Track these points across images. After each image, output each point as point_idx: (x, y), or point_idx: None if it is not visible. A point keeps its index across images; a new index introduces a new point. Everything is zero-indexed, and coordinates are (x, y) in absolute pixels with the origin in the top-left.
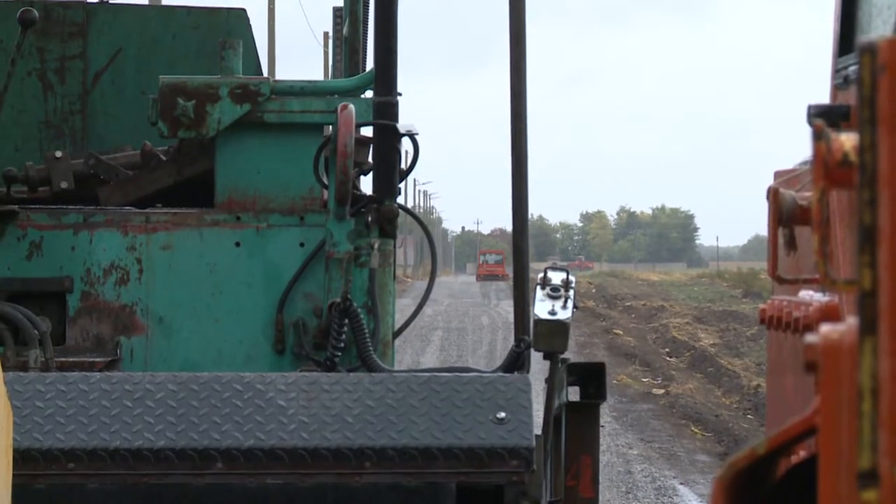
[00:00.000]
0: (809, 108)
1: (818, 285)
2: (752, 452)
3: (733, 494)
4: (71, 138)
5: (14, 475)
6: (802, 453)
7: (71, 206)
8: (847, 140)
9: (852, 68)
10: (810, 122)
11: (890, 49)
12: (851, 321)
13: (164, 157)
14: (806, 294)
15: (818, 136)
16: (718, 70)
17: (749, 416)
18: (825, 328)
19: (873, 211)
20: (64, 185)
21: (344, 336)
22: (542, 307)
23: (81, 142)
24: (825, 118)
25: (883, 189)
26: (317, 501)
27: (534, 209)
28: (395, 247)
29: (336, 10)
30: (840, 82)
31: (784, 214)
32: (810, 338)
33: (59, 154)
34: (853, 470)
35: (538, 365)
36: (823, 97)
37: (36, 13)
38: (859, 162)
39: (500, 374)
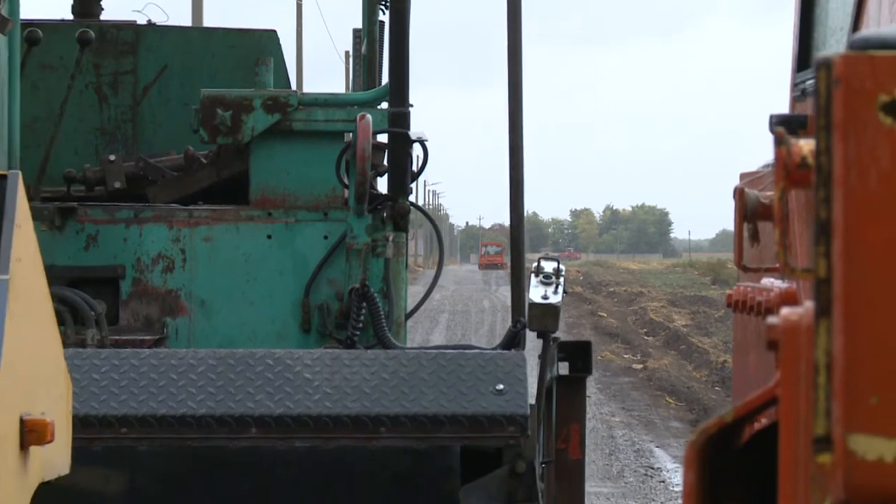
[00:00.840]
0: (771, 117)
1: (778, 273)
2: (721, 420)
3: (704, 457)
4: (123, 144)
5: (73, 439)
6: (764, 421)
7: (123, 204)
8: (805, 145)
9: (809, 82)
10: (772, 130)
11: (844, 64)
12: (808, 305)
13: (204, 161)
14: (767, 281)
15: (779, 142)
16: (690, 84)
17: (717, 389)
18: (785, 311)
19: (828, 208)
20: (117, 184)
21: (362, 317)
22: (535, 292)
23: (132, 147)
24: (785, 126)
25: (837, 188)
26: (338, 463)
27: (528, 206)
28: (407, 239)
29: (356, 32)
30: (798, 95)
31: (748, 211)
32: (772, 319)
33: (112, 157)
34: (809, 436)
35: (532, 343)
36: (783, 108)
37: (92, 34)
38: (816, 164)
39: (499, 350)
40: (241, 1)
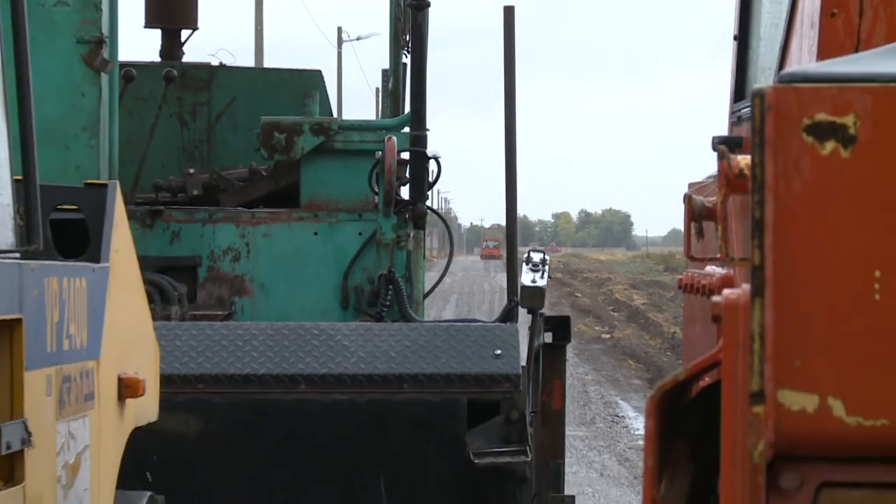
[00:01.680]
0: (714, 138)
1: (720, 262)
2: (675, 378)
3: (661, 408)
4: (200, 160)
5: (160, 393)
6: (709, 379)
7: (200, 207)
8: (742, 159)
9: (745, 110)
10: (715, 148)
11: (774, 94)
12: (745, 287)
13: (264, 174)
14: (710, 268)
15: (722, 157)
16: (650, 111)
17: (668, 354)
18: (726, 292)
19: (761, 209)
20: (195, 192)
21: (389, 297)
22: (526, 277)
23: (207, 162)
24: (726, 145)
25: (768, 193)
26: (370, 412)
27: (519, 210)
28: (424, 235)
29: (384, 71)
30: (735, 121)
31: (695, 213)
32: (716, 298)
33: (191, 171)
34: (746, 391)
35: (523, 318)
36: (722, 131)
37: (175, 72)
38: (751, 174)
39: (497, 323)
40: (293, 46)
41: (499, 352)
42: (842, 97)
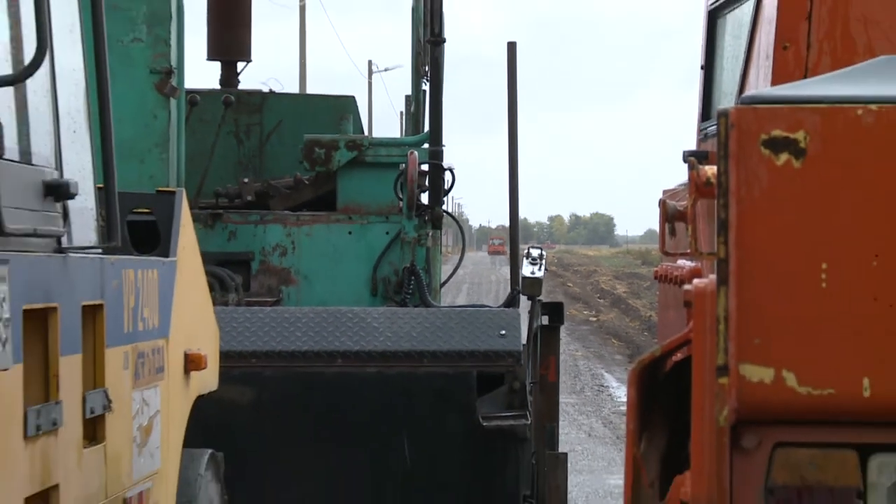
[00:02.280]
0: (684, 152)
1: (689, 257)
2: (652, 355)
3: (641, 379)
4: (253, 171)
5: (219, 366)
6: (680, 355)
7: (253, 210)
8: (709, 169)
9: (710, 128)
10: (685, 160)
11: (737, 114)
12: (711, 277)
13: (307, 182)
14: (682, 262)
15: (692, 168)
16: (632, 131)
17: (645, 334)
18: (696, 281)
19: (726, 211)
20: (249, 198)
21: (411, 286)
22: (526, 269)
23: (259, 173)
24: (695, 157)
25: (731, 198)
26: (395, 383)
27: (520, 212)
28: (441, 234)
29: (407, 97)
30: (702, 137)
31: (669, 215)
32: (687, 287)
33: (246, 180)
34: (713, 365)
35: (524, 304)
36: (691, 146)
37: (232, 98)
38: (717, 182)
39: (502, 308)
40: (331, 76)
41: (503, 332)
42: (794, 116)
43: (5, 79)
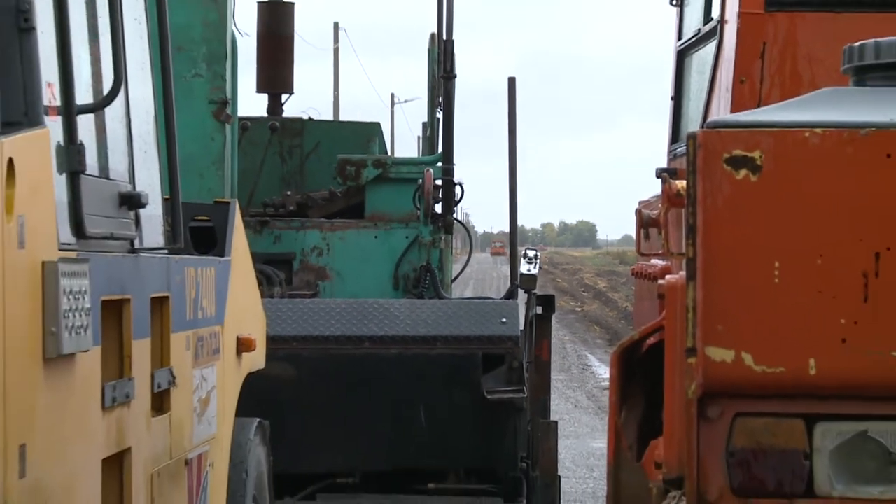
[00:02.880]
0: (657, 169)
1: (661, 256)
2: (631, 338)
3: (621, 360)
4: (294, 185)
5: (266, 348)
6: (654, 339)
7: (294, 218)
8: (679, 183)
9: (679, 149)
10: (658, 176)
11: (703, 136)
12: (681, 273)
13: (340, 195)
14: (655, 261)
15: (664, 181)
16: (613, 153)
17: (622, 322)
18: (668, 277)
19: (693, 218)
20: (291, 208)
21: (427, 282)
22: (524, 267)
23: (300, 187)
24: (667, 173)
25: (698, 207)
26: (413, 363)
27: (518, 220)
28: (452, 239)
29: (424, 123)
30: (672, 157)
31: (644, 221)
32: (661, 282)
33: (289, 193)
34: (683, 347)
35: (521, 296)
36: (662, 164)
37: (277, 124)
38: (686, 194)
39: (503, 300)
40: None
41: (504, 320)
42: (751, 138)
43: (88, 107)
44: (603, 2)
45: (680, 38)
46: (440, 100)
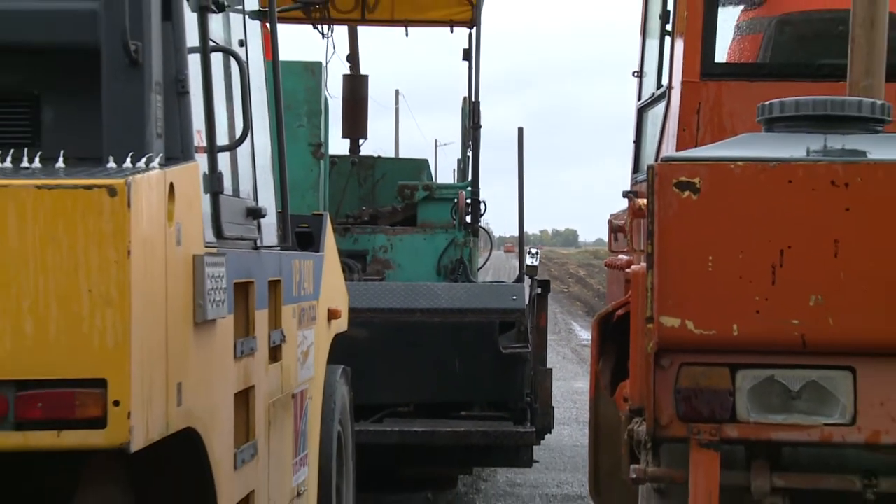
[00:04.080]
0: (624, 191)
1: (627, 253)
2: (606, 310)
3: (599, 325)
4: (368, 203)
5: (348, 316)
6: (623, 311)
7: (368, 225)
8: (641, 201)
9: (640, 178)
10: (625, 196)
11: (659, 167)
12: (642, 264)
13: (399, 209)
14: (622, 256)
15: (630, 200)
16: (593, 183)
17: (597, 299)
18: (633, 267)
19: (651, 225)
20: (365, 219)
21: (460, 270)
22: (528, 261)
23: (372, 204)
24: (632, 194)
25: (655, 218)
26: (451, 327)
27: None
28: (477, 240)
29: (458, 160)
30: (634, 183)
31: (614, 228)
32: (628, 270)
33: (364, 208)
34: (644, 316)
35: (526, 281)
36: (626, 187)
37: (356, 160)
38: (647, 208)
39: (514, 283)
40: (413, 146)
41: (514, 297)
42: (692, 169)
43: (225, 147)
44: (591, 71)
45: (640, 99)
46: (470, 143)
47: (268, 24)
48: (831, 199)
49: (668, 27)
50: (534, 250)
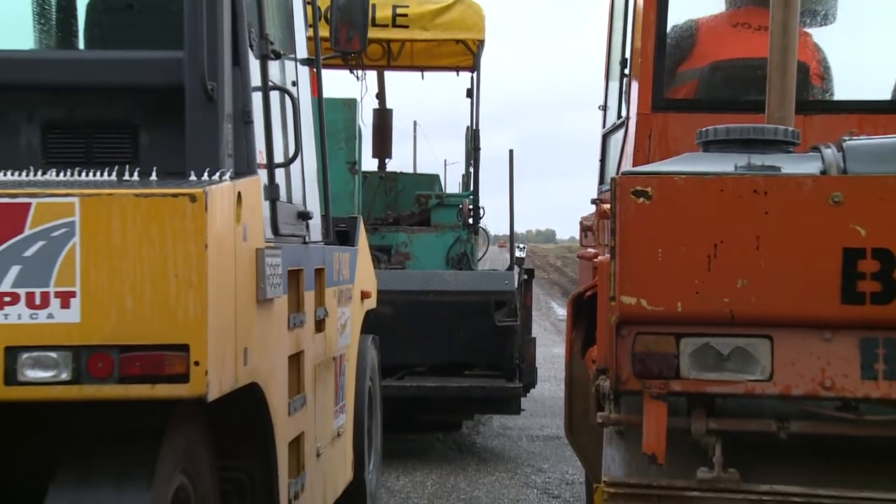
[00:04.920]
0: (592, 199)
1: (595, 247)
2: (578, 291)
3: (573, 302)
4: (392, 208)
5: (377, 296)
6: (591, 292)
7: (392, 226)
8: (606, 206)
9: (605, 189)
10: (593, 202)
11: (620, 179)
12: (607, 255)
13: (417, 213)
14: (590, 249)
15: (597, 205)
16: (569, 194)
17: (571, 284)
18: (599, 257)
19: (614, 225)
20: (390, 221)
21: (464, 261)
22: (517, 254)
23: (395, 209)
24: (599, 201)
25: (616, 219)
26: (457, 304)
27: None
28: (477, 238)
29: (463, 175)
30: (600, 192)
31: (584, 227)
32: (596, 260)
33: (389, 212)
34: (608, 296)
35: (516, 269)
36: (593, 195)
37: (383, 175)
38: (610, 212)
39: (506, 271)
40: (428, 166)
41: (506, 282)
42: (646, 180)
43: (280, 164)
44: (566, 106)
45: (604, 127)
46: (471, 162)
47: (314, 69)
48: (753, 204)
49: (626, 71)
50: (521, 245)
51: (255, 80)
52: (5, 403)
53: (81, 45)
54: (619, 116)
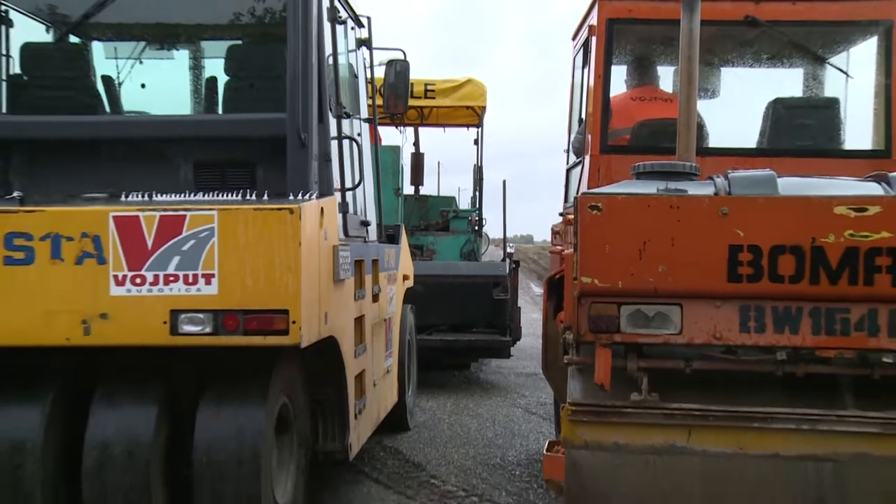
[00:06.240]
0: (559, 212)
1: (563, 245)
2: (551, 275)
3: (548, 283)
4: (424, 219)
5: (414, 279)
6: (560, 275)
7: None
8: (571, 216)
9: (569, 205)
10: (560, 215)
11: (581, 199)
12: (571, 250)
13: (440, 223)
14: (559, 247)
15: (563, 217)
16: (546, 209)
17: (545, 270)
18: (566, 251)
19: (577, 229)
20: (423, 227)
21: (472, 255)
22: (509, 250)
23: (426, 219)
24: (564, 213)
25: (579, 225)
26: (467, 285)
27: (500, 233)
28: (481, 240)
29: (472, 196)
30: (566, 207)
31: (554, 232)
32: (564, 253)
33: (421, 222)
34: (572, 277)
35: (507, 261)
36: (560, 209)
37: (417, 197)
38: (574, 220)
39: (501, 262)
40: (446, 190)
41: (501, 269)
42: (598, 198)
43: (349, 188)
44: (543, 151)
45: (568, 164)
46: (477, 189)
47: (372, 125)
48: (669, 215)
49: (581, 128)
50: (511, 245)
51: (333, 132)
52: (173, 348)
53: (220, 110)
54: (578, 158)
